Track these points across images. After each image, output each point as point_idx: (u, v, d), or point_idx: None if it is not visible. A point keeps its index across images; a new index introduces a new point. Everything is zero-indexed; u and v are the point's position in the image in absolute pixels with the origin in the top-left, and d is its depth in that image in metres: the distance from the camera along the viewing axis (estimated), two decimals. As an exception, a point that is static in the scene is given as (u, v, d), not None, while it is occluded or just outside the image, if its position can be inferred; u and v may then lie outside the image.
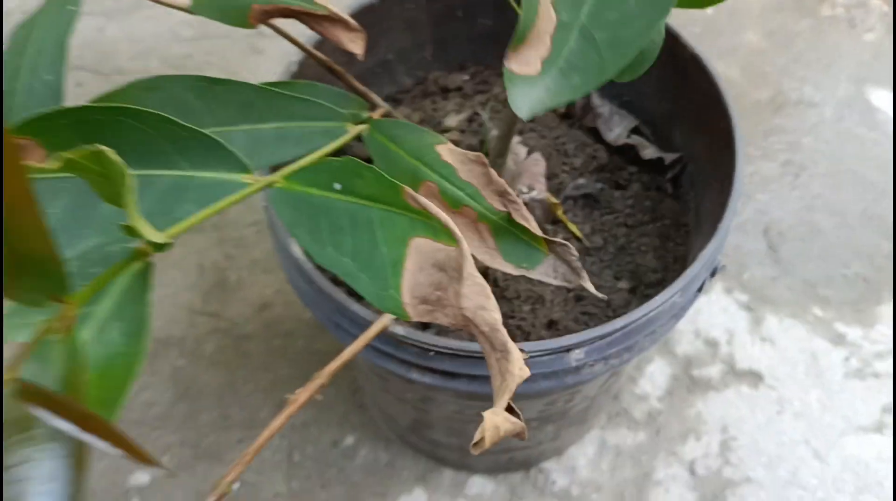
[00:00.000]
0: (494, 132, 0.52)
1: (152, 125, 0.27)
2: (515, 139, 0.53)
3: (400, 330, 0.39)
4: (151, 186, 0.27)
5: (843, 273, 0.71)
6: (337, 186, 0.27)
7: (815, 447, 0.63)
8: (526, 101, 0.24)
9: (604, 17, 0.25)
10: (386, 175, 0.27)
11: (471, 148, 0.54)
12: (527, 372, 0.23)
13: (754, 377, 0.66)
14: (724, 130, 0.47)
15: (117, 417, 0.19)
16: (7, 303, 0.19)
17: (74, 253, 0.25)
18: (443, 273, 0.25)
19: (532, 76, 0.24)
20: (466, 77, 0.57)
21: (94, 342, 0.20)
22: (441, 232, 0.25)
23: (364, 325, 0.39)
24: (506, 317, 0.46)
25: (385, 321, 0.38)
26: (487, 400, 0.43)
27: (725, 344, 0.68)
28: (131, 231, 0.21)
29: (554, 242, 0.32)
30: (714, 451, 0.63)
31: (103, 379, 0.19)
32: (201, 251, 0.73)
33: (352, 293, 0.40)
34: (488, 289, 0.24)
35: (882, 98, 0.82)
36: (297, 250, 0.42)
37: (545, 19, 0.25)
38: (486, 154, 0.52)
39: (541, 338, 0.46)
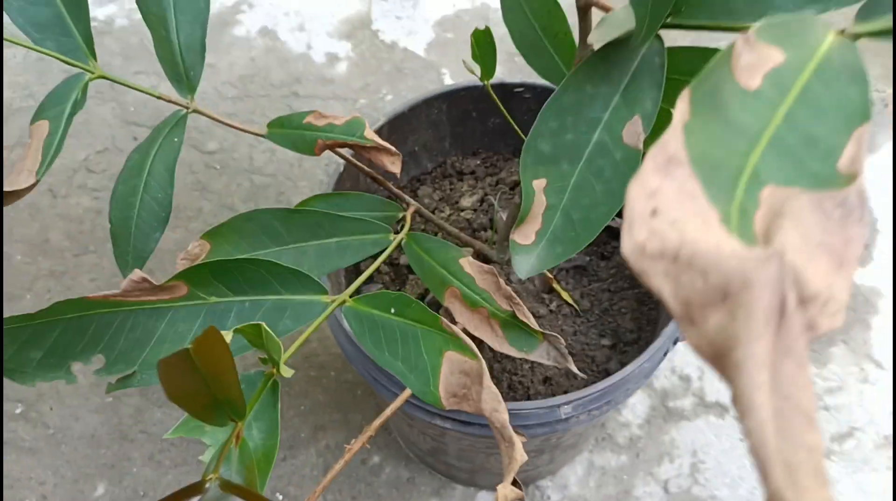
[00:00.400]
0: (501, 214, 0.63)
1: (264, 267, 0.38)
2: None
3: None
4: (261, 307, 0.39)
5: (802, 318, 0.82)
6: (392, 309, 0.39)
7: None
8: (525, 266, 0.35)
9: (579, 202, 0.36)
10: (427, 308, 0.38)
11: (482, 226, 0.65)
12: (525, 457, 0.34)
13: (721, 409, 0.78)
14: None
15: (265, 484, 0.31)
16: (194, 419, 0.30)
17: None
18: (468, 378, 0.37)
19: (529, 246, 0.35)
20: (478, 162, 0.68)
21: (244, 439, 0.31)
22: (466, 349, 0.37)
23: (400, 383, 0.51)
24: (510, 374, 0.58)
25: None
26: (492, 439, 0.54)
27: (697, 380, 0.79)
28: (266, 361, 0.33)
29: (547, 334, 0.44)
30: (685, 472, 0.74)
31: (257, 464, 0.30)
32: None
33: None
34: (500, 396, 0.35)
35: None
36: (346, 324, 0.53)
37: (538, 203, 0.36)
38: (495, 232, 0.63)
39: (538, 392, 0.57)
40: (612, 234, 0.66)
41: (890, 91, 1.00)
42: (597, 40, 0.35)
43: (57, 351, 0.35)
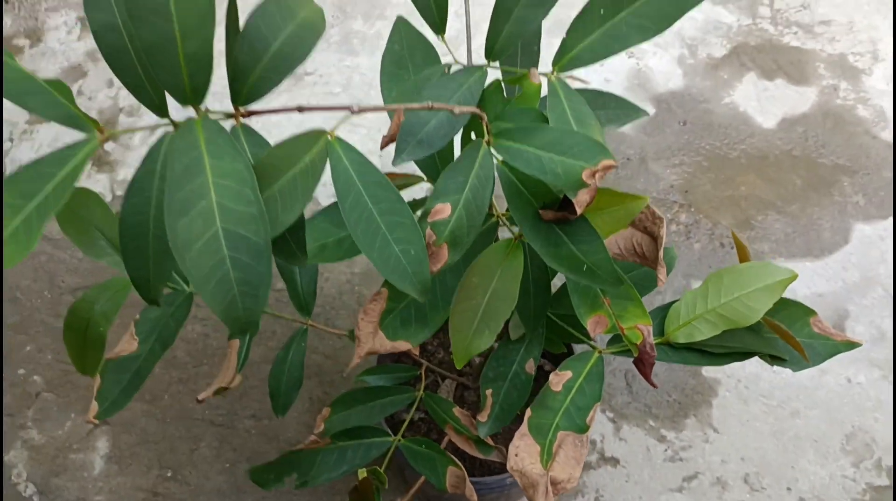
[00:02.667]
0: (476, 359, 1.08)
1: (363, 428, 0.83)
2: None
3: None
4: (362, 445, 0.84)
5: (667, 400, 1.28)
6: (423, 445, 0.84)
7: (644, 500, 1.20)
8: (484, 431, 0.80)
9: (506, 400, 0.81)
10: (439, 445, 0.83)
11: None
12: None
13: (615, 461, 1.23)
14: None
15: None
16: None
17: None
18: (458, 478, 0.81)
19: (485, 422, 0.80)
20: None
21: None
22: (457, 465, 0.82)
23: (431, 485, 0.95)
24: (481, 462, 1.03)
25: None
26: None
27: (600, 442, 1.25)
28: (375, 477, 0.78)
29: (497, 446, 0.89)
30: (592, 503, 1.20)
31: None
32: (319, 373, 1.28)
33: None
34: (470, 485, 0.80)
35: (702, 285, 1.39)
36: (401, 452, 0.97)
37: (488, 402, 0.81)
38: (472, 367, 1.08)
39: (495, 470, 1.02)
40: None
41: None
42: (512, 333, 0.80)
43: (283, 473, 0.79)
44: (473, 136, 0.67)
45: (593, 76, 1.59)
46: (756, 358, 1.25)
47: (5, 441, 1.25)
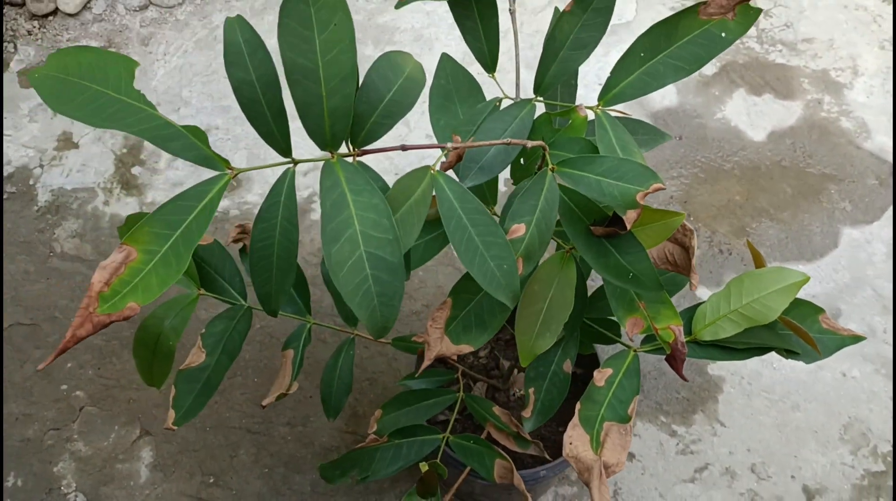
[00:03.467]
0: (504, 362, 1.16)
1: (413, 426, 0.91)
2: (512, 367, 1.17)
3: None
4: (415, 442, 0.91)
5: (676, 396, 1.37)
6: (472, 441, 0.92)
7: (660, 491, 1.29)
8: (529, 427, 0.88)
9: (547, 396, 0.89)
10: (486, 441, 0.91)
11: (492, 367, 1.18)
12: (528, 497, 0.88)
13: (631, 455, 1.32)
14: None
15: None
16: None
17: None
18: (505, 470, 0.90)
19: (528, 418, 0.88)
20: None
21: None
22: (504, 458, 0.90)
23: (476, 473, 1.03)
24: (520, 457, 1.11)
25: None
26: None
27: (616, 439, 1.33)
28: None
29: (533, 440, 0.97)
30: (610, 495, 1.28)
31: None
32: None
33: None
34: (517, 473, 0.88)
35: (704, 289, 1.48)
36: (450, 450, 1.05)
37: (531, 399, 0.89)
38: (500, 370, 1.17)
39: (529, 464, 1.10)
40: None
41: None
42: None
43: (347, 469, 0.87)
44: (522, 161, 0.76)
45: (593, 94, 1.69)
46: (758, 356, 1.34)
47: (53, 453, 1.31)
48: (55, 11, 1.77)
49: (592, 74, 1.70)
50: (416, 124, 1.63)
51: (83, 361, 1.39)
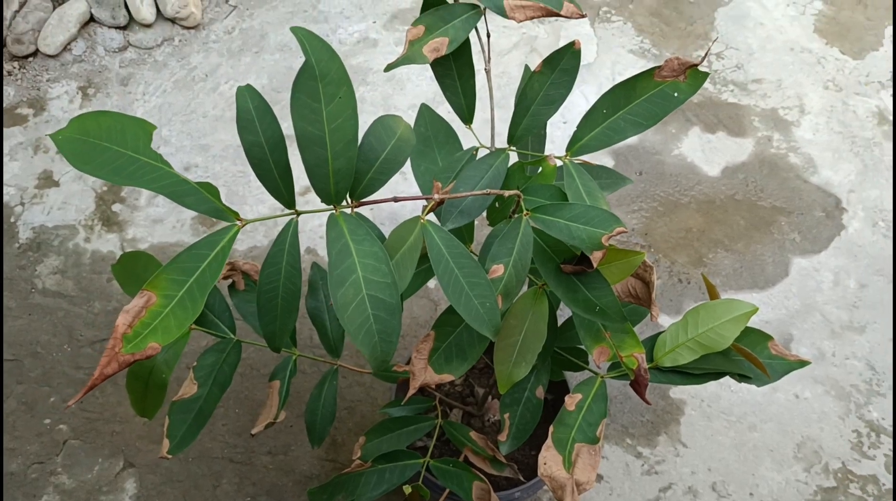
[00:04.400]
0: (479, 390, 1.23)
1: (394, 452, 0.97)
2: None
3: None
4: (398, 467, 0.97)
5: (641, 420, 1.44)
6: (451, 465, 0.98)
7: (627, 510, 1.36)
8: (505, 450, 0.94)
9: (521, 420, 0.95)
10: (465, 465, 0.97)
11: (467, 394, 1.25)
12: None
13: (599, 477, 1.38)
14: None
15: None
16: None
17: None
18: (483, 491, 0.96)
19: (504, 441, 0.94)
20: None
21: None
22: (482, 480, 0.96)
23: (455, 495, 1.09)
24: (494, 479, 1.17)
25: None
26: None
27: (585, 461, 1.40)
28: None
29: (508, 463, 1.03)
30: (581, 515, 1.34)
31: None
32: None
33: (435, 476, 1.10)
34: (494, 496, 0.94)
35: (665, 317, 1.57)
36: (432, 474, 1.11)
37: (507, 424, 0.95)
38: (475, 397, 1.23)
39: (504, 486, 1.16)
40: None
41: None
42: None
43: (334, 494, 0.92)
44: (497, 205, 0.83)
45: (559, 133, 1.78)
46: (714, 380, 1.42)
47: (37, 487, 1.34)
48: (35, 52, 1.81)
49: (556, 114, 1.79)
50: (407, 167, 1.70)
51: (66, 395, 1.42)
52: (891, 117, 1.86)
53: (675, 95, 0.72)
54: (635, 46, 1.97)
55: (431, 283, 1.58)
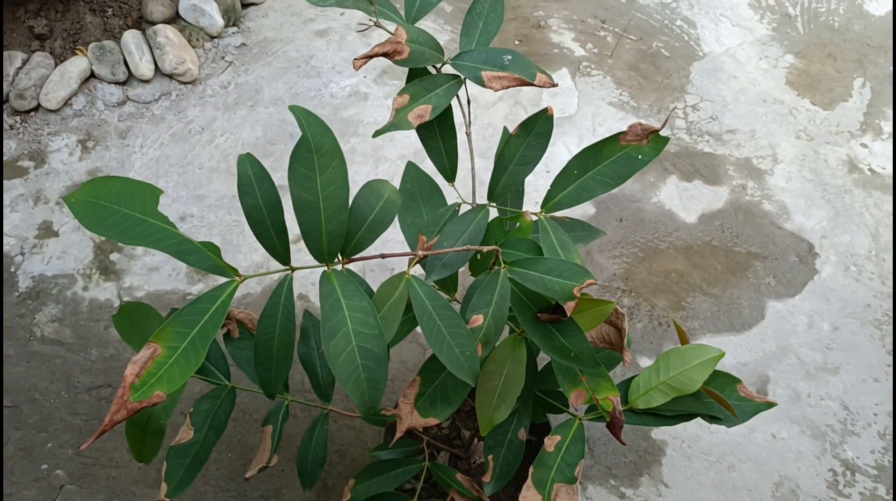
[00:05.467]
0: (465, 432, 1.27)
1: (385, 494, 1.01)
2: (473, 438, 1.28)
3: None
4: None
5: (624, 461, 1.49)
6: (437, 505, 1.02)
7: (611, 550, 1.39)
8: (489, 490, 0.98)
9: (504, 461, 1.00)
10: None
11: (454, 436, 1.29)
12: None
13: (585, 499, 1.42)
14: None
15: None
16: None
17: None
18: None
19: (489, 482, 0.99)
20: (449, 401, 1.33)
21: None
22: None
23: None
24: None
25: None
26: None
27: None
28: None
29: (487, 498, 1.07)
30: (566, 555, 1.37)
31: None
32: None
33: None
34: (482, 537, 0.98)
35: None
36: (401, 501, 1.15)
37: (491, 466, 1.00)
38: (462, 440, 1.27)
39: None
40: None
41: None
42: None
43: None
44: (479, 257, 0.89)
45: (543, 182, 1.85)
46: (698, 420, 1.47)
47: (32, 532, 1.36)
48: (37, 107, 1.88)
49: (540, 163, 1.86)
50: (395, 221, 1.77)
51: (63, 440, 1.46)
52: (862, 166, 1.94)
53: (640, 157, 0.79)
54: (614, 99, 2.05)
55: (419, 328, 1.63)
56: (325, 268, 0.62)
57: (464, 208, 0.88)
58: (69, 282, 1.65)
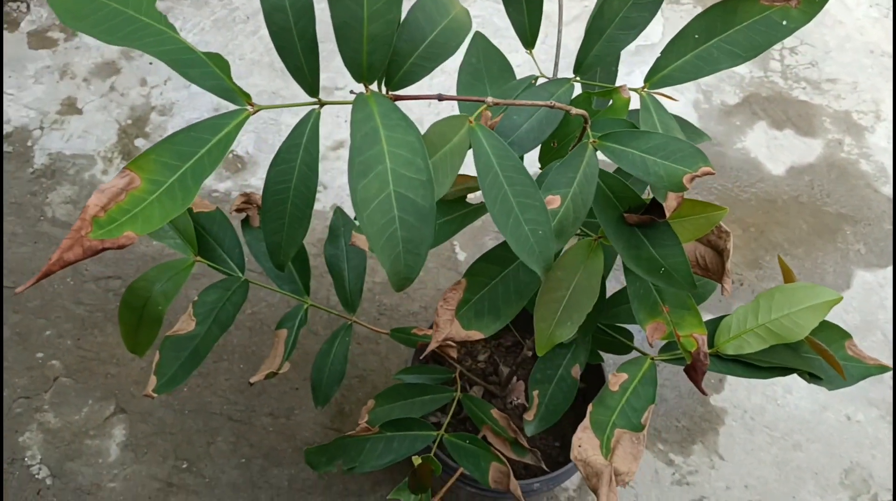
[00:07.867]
0: (504, 368, 1.11)
1: (407, 420, 0.86)
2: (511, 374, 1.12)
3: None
4: (407, 437, 0.86)
5: (676, 425, 1.32)
6: (467, 441, 0.86)
7: (650, 520, 1.24)
8: (530, 430, 0.83)
9: (552, 401, 0.84)
10: (483, 441, 0.86)
11: (491, 372, 1.13)
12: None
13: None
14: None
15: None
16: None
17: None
18: (501, 474, 0.84)
19: (531, 421, 0.83)
20: (488, 332, 1.17)
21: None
22: (501, 461, 0.85)
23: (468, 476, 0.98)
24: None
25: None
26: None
27: (610, 462, 1.28)
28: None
29: (531, 448, 0.92)
30: (599, 520, 1.22)
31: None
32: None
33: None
34: (515, 480, 0.83)
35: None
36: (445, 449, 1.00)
37: (535, 402, 0.84)
38: (499, 376, 1.12)
39: (520, 475, 1.05)
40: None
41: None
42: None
43: (334, 457, 0.82)
44: (553, 143, 0.72)
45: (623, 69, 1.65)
46: (761, 390, 1.29)
47: (20, 422, 1.25)
48: (74, -25, 1.73)
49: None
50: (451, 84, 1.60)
51: (63, 330, 1.34)
52: (976, 132, 1.72)
53: (784, 23, 0.61)
54: (704, 31, 1.84)
55: (461, 254, 1.47)
56: (363, 90, 0.45)
57: (541, 82, 0.71)
58: (88, 163, 1.52)
